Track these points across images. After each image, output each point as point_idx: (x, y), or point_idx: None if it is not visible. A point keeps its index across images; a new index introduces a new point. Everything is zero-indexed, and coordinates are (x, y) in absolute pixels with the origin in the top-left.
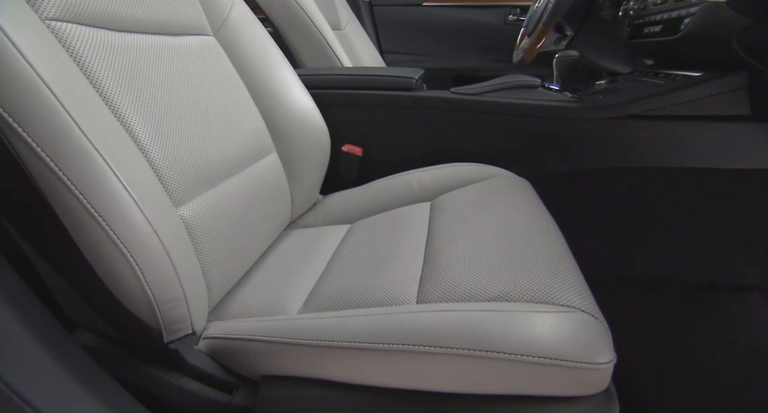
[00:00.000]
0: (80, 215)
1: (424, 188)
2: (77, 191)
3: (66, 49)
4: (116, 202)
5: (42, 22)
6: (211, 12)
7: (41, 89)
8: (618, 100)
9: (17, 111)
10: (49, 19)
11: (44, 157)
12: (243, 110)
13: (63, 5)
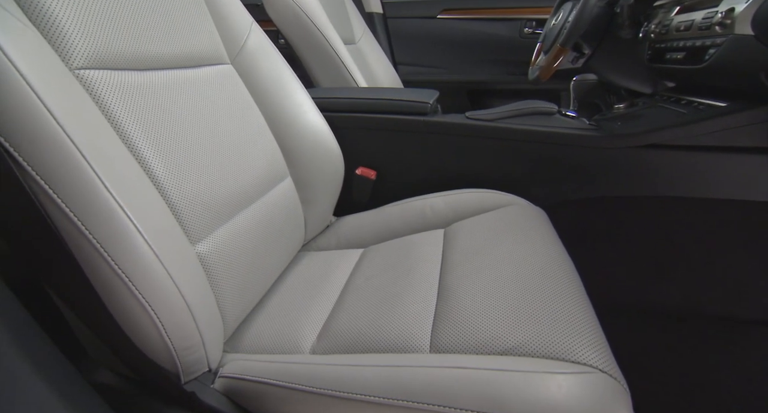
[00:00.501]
0: (104, 271)
1: (438, 215)
2: (102, 250)
3: (92, 96)
4: (139, 259)
5: (71, 72)
6: (229, 41)
7: (69, 149)
8: (638, 129)
9: (45, 170)
10: (78, 69)
11: (71, 215)
12: (259, 137)
13: (92, 53)
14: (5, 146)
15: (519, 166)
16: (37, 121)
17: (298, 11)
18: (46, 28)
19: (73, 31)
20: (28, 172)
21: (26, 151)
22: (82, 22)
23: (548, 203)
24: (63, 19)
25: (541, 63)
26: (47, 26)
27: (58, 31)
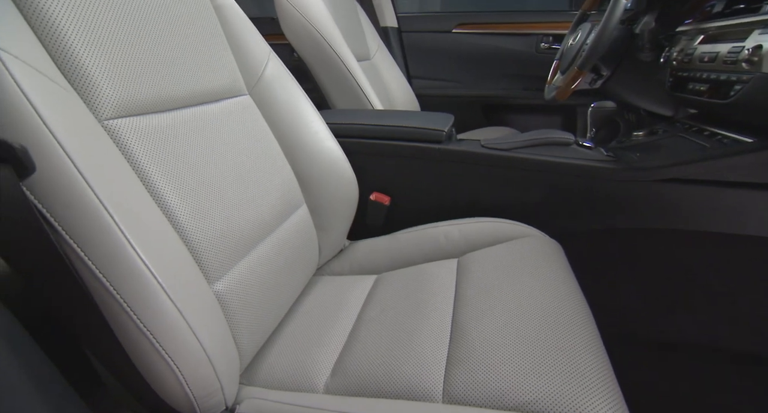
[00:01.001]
0: (130, 328)
1: (452, 244)
2: (129, 309)
3: (118, 146)
4: (164, 316)
5: (100, 123)
6: (247, 72)
7: (100, 212)
8: (658, 162)
9: (77, 233)
10: (107, 119)
11: (100, 277)
12: (276, 168)
13: (120, 102)
14: (41, 210)
15: (534, 195)
16: (71, 186)
17: (313, 32)
18: (78, 81)
19: (104, 82)
20: (61, 235)
21: (60, 215)
22: (112, 71)
23: (563, 232)
24: (94, 70)
25: (558, 83)
26: (79, 79)
27: (89, 83)
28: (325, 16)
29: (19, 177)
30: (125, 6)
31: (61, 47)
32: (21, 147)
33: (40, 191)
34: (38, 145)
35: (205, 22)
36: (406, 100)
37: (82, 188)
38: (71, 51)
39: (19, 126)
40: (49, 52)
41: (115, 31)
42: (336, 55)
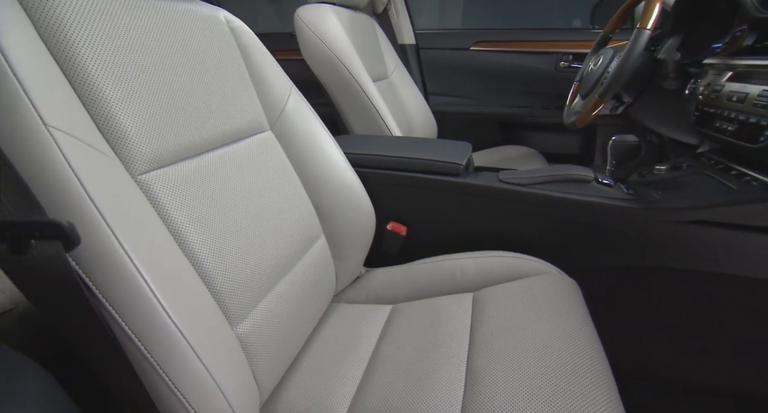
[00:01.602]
0: (161, 387)
1: (467, 278)
2: (161, 370)
3: (149, 200)
4: (194, 376)
5: (133, 179)
6: (269, 107)
7: (137, 279)
8: (682, 203)
9: (115, 298)
10: (140, 174)
11: (135, 340)
12: (296, 202)
13: (153, 155)
14: (82, 277)
15: (552, 231)
16: (111, 256)
17: (332, 57)
18: (116, 141)
19: (138, 138)
20: (99, 299)
21: (100, 282)
22: (146, 126)
23: (580, 268)
24: (131, 128)
25: (578, 108)
26: (118, 139)
27: (126, 141)
28: (344, 41)
29: (66, 250)
30: (160, 57)
31: (102, 111)
32: (69, 225)
33: (82, 260)
34: (84, 221)
35: (231, 64)
36: (423, 118)
37: (120, 257)
38: (111, 113)
39: (68, 203)
40: (92, 118)
41: (150, 85)
42: (355, 80)
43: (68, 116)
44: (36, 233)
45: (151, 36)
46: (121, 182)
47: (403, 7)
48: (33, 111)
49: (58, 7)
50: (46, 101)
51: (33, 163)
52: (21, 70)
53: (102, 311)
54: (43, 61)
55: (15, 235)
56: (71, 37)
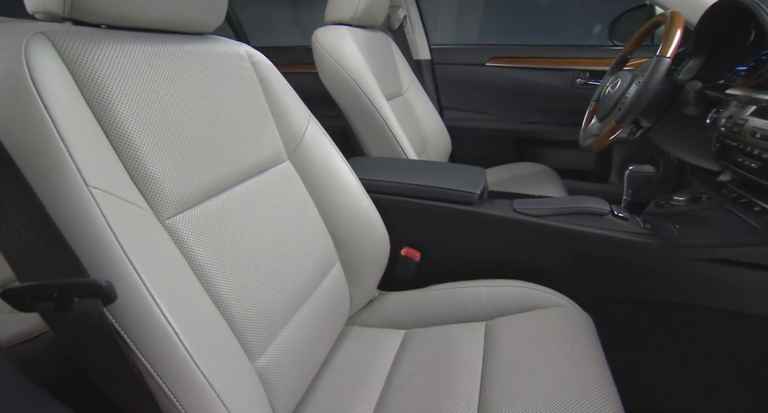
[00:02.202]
0: None
1: (480, 307)
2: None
3: (176, 242)
4: None
5: (161, 225)
6: (288, 138)
7: (169, 332)
8: (701, 241)
9: (148, 350)
10: (167, 219)
11: (166, 390)
12: (314, 232)
13: (178, 200)
14: (117, 329)
15: (566, 262)
16: (144, 310)
17: (349, 80)
18: (149, 191)
19: (167, 184)
20: (133, 350)
21: (134, 335)
22: (174, 172)
23: (594, 300)
24: (161, 176)
25: (594, 131)
26: (150, 188)
27: (157, 189)
28: (359, 63)
29: (104, 305)
30: (187, 103)
31: (136, 162)
32: (108, 284)
33: (118, 313)
34: (120, 277)
35: (253, 99)
36: (437, 134)
37: (153, 310)
38: (143, 163)
39: (106, 260)
40: (127, 170)
41: (178, 132)
42: (370, 102)
43: (107, 173)
44: (79, 292)
45: (180, 82)
46: (152, 232)
47: (419, 24)
48: (76, 172)
49: (99, 67)
50: (88, 161)
51: (75, 222)
52: (66, 133)
53: (134, 359)
54: (85, 121)
55: (60, 295)
56: (110, 96)
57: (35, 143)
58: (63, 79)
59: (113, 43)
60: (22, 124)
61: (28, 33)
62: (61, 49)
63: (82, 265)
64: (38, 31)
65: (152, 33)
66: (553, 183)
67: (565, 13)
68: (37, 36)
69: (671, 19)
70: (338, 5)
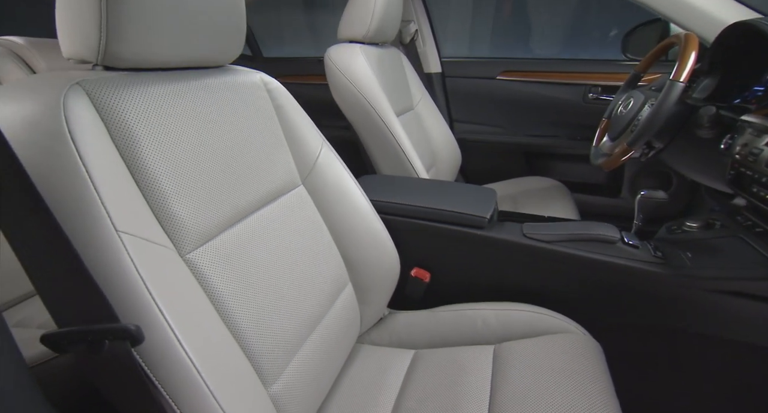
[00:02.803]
0: None
1: (489, 329)
2: None
3: (196, 277)
4: None
5: (182, 260)
6: (301, 162)
7: (193, 373)
8: (713, 273)
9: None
10: (188, 253)
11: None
12: (327, 255)
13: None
14: (145, 370)
15: (575, 288)
16: (169, 351)
17: (361, 99)
18: (172, 229)
19: (188, 220)
20: (158, 389)
21: (159, 374)
22: (194, 208)
23: (604, 325)
24: (183, 214)
25: (605, 150)
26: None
27: (179, 226)
28: (371, 81)
29: (132, 346)
30: (206, 138)
31: (160, 202)
32: (136, 328)
33: (145, 354)
34: (147, 319)
35: (268, 127)
36: (447, 147)
37: (176, 349)
38: (167, 202)
39: (134, 304)
40: (152, 210)
41: (198, 168)
42: (381, 120)
43: (134, 216)
44: (110, 336)
45: (200, 117)
46: (175, 269)
47: (430, 37)
48: (107, 219)
49: (126, 111)
50: (118, 207)
51: (106, 267)
52: (98, 180)
53: (157, 394)
54: (115, 166)
55: (93, 339)
56: (136, 138)
57: (69, 191)
58: (96, 128)
59: (138, 85)
60: (58, 174)
61: (65, 86)
62: (94, 99)
63: (112, 309)
64: (74, 83)
65: (174, 71)
66: (562, 199)
67: (581, 18)
68: (73, 88)
69: (686, 42)
70: (351, 24)
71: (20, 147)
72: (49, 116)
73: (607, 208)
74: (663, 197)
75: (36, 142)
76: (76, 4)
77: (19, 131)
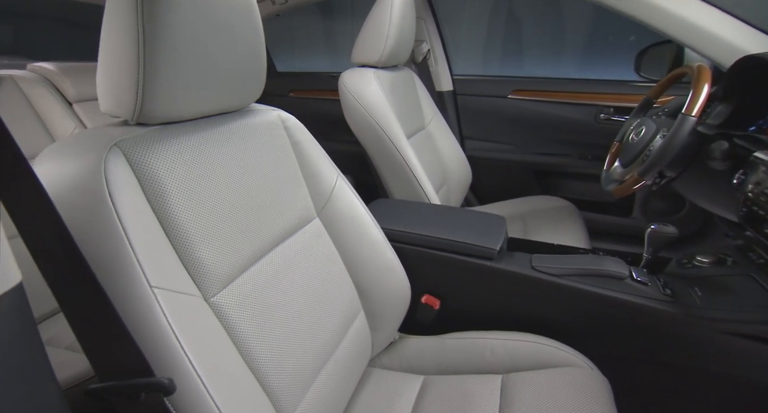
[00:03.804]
0: None
1: (497, 359)
2: None
3: (220, 320)
4: None
5: (207, 303)
6: (317, 195)
7: (211, 406)
8: (722, 314)
9: None
10: (212, 296)
11: None
12: (340, 287)
13: (221, 278)
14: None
15: (583, 321)
16: (199, 400)
17: (374, 124)
18: (200, 277)
19: (212, 265)
20: None
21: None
22: (219, 253)
23: (611, 359)
24: (209, 260)
25: (616, 176)
26: (200, 274)
27: (206, 273)
28: (384, 108)
29: (165, 396)
30: (229, 182)
31: (188, 251)
32: (169, 381)
33: (176, 403)
34: (179, 372)
35: (286, 164)
36: (458, 165)
37: (204, 397)
38: (194, 250)
39: (166, 356)
40: (182, 260)
41: (221, 213)
42: (394, 146)
43: (166, 269)
44: (146, 389)
45: (223, 163)
46: (202, 316)
47: (442, 57)
48: (141, 275)
49: (157, 166)
50: (151, 262)
51: (141, 322)
52: (135, 239)
53: None
54: (149, 222)
55: (130, 393)
56: (166, 191)
57: (108, 249)
58: (132, 187)
59: (167, 139)
60: (97, 233)
61: (105, 148)
62: (130, 158)
63: (147, 363)
64: (113, 144)
65: (199, 120)
66: (572, 219)
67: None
68: (113, 151)
69: (698, 75)
70: (365, 50)
71: (63, 207)
72: (92, 180)
73: (617, 227)
74: (673, 232)
75: (78, 202)
76: (116, 69)
77: (63, 192)
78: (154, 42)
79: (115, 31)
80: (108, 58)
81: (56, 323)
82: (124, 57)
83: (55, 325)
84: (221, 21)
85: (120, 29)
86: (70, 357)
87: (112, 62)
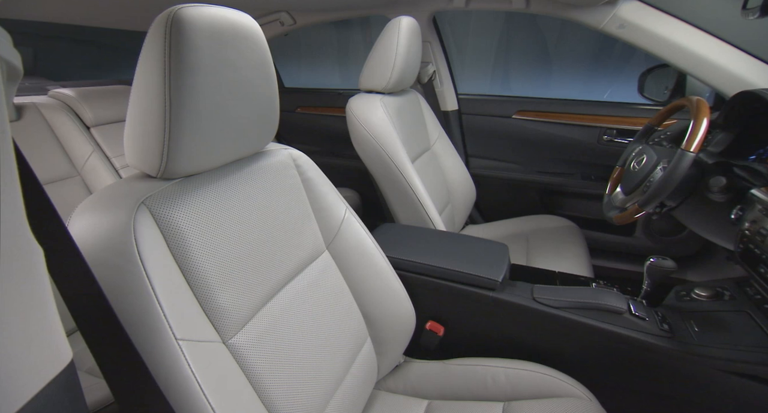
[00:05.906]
0: None
1: (498, 387)
2: None
3: (237, 361)
4: None
5: (225, 346)
6: (327, 230)
7: None
8: (719, 353)
9: None
10: (229, 339)
11: None
12: (348, 316)
13: (237, 320)
14: None
15: (583, 352)
16: None
17: (381, 151)
18: (219, 322)
19: (229, 308)
20: None
21: None
22: (234, 295)
23: (610, 389)
24: (228, 304)
25: (617, 203)
26: (220, 319)
27: (222, 315)
28: (390, 135)
29: None
30: (245, 226)
31: (209, 299)
32: None
33: None
34: None
35: (298, 202)
36: (462, 184)
37: None
38: (215, 297)
39: (191, 407)
40: (203, 308)
41: (238, 258)
42: (400, 174)
43: (189, 320)
44: None
45: (239, 207)
46: (221, 361)
47: (448, 78)
48: (168, 329)
49: (179, 219)
50: (176, 316)
51: (167, 374)
52: (162, 295)
53: None
54: (173, 276)
55: None
56: (188, 243)
57: (136, 306)
58: (158, 243)
59: (188, 191)
60: (127, 289)
61: (134, 208)
62: (156, 216)
63: None
64: (141, 202)
65: (217, 169)
66: (574, 239)
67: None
68: (141, 210)
69: (697, 110)
70: (372, 77)
71: (95, 264)
72: (122, 241)
73: (619, 246)
74: (671, 266)
75: (109, 261)
76: (142, 129)
77: (96, 251)
78: (180, 106)
79: (144, 94)
80: (136, 118)
81: (74, 343)
82: (151, 119)
83: (74, 345)
84: (240, 79)
85: (149, 93)
86: (91, 382)
87: (140, 122)
